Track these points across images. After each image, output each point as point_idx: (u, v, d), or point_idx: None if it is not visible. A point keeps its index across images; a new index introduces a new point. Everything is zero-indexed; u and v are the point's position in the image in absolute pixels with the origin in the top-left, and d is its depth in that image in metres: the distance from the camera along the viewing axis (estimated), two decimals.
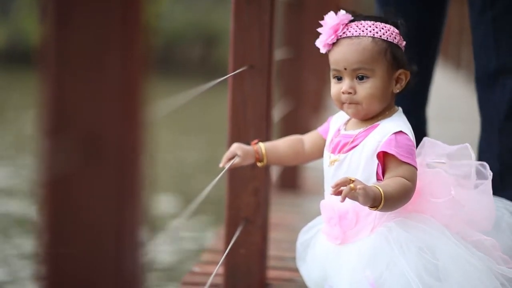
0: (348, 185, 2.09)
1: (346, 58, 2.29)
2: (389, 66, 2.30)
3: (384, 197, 2.13)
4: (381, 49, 2.29)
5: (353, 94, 2.28)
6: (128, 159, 1.12)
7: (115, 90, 1.10)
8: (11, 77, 17.34)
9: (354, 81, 2.29)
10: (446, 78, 13.39)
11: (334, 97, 2.34)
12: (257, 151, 2.47)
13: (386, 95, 2.30)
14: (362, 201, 2.11)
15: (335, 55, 2.32)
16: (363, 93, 2.28)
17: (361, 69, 2.28)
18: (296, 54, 4.69)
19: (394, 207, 2.21)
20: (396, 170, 2.21)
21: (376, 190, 2.13)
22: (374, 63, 2.28)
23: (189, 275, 3.02)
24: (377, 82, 2.28)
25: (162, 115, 1.47)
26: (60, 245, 1.12)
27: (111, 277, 1.12)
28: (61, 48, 1.10)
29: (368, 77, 2.28)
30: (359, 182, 2.11)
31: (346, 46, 2.30)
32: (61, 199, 1.11)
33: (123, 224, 1.12)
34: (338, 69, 2.31)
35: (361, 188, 2.09)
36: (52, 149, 1.10)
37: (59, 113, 1.10)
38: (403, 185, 2.18)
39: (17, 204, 7.28)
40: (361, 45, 2.29)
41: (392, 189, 2.16)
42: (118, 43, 1.10)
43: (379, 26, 2.31)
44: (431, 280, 2.19)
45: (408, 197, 2.21)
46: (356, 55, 2.28)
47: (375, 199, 2.12)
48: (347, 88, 2.29)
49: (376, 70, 2.28)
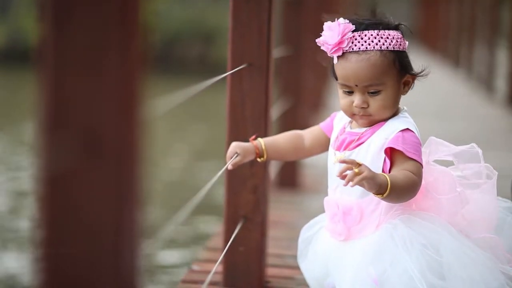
0: (352, 170, 2.10)
1: (356, 76, 2.27)
2: (398, 74, 2.31)
3: (390, 185, 2.13)
4: (389, 61, 2.28)
5: (366, 108, 2.29)
6: (127, 157, 1.12)
7: (114, 88, 1.11)
8: (10, 75, 17.33)
9: (366, 95, 2.29)
10: (445, 76, 13.39)
11: (345, 108, 2.33)
12: (257, 146, 2.46)
13: (397, 101, 2.32)
14: (368, 187, 2.12)
15: (344, 72, 2.30)
16: (376, 106, 2.28)
17: (373, 86, 2.27)
18: (295, 52, 4.69)
19: (400, 198, 2.21)
20: (403, 165, 2.22)
21: (383, 178, 2.14)
22: (385, 77, 2.28)
23: (188, 273, 3.03)
24: (389, 93, 2.29)
25: (160, 113, 1.47)
26: (59, 242, 1.12)
27: (110, 274, 1.12)
28: (60, 46, 1.10)
29: (380, 90, 2.28)
30: (365, 168, 2.11)
31: (355, 63, 2.27)
32: (60, 196, 1.11)
33: (122, 221, 1.13)
34: (348, 85, 2.30)
35: (368, 176, 2.09)
36: (51, 146, 1.10)
37: (58, 111, 1.11)
38: (410, 178, 2.19)
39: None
40: (371, 61, 2.27)
41: (400, 180, 2.17)
42: (116, 41, 1.10)
43: (384, 35, 2.29)
44: (434, 278, 2.19)
45: (414, 191, 2.22)
46: (366, 73, 2.27)
47: (381, 186, 2.12)
48: (360, 103, 2.28)
49: (387, 82, 2.28)
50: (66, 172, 1.10)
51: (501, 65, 11.06)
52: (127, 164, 1.12)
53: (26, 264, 5.40)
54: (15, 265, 5.51)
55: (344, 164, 2.14)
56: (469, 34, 13.64)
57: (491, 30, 11.60)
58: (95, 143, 1.10)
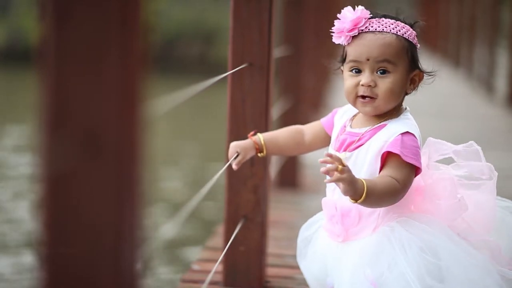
0: (335, 165, 2.08)
1: (370, 50, 2.27)
2: (408, 65, 2.31)
3: (366, 193, 2.12)
4: (403, 46, 2.29)
5: (373, 87, 2.27)
6: (127, 156, 1.12)
7: (114, 87, 1.11)
8: (10, 75, 17.33)
9: (374, 75, 2.28)
10: (446, 76, 13.39)
11: (349, 89, 2.30)
12: (256, 142, 2.46)
13: (401, 94, 2.30)
14: (343, 188, 2.09)
15: (357, 47, 2.29)
16: (384, 87, 2.26)
17: (385, 62, 2.27)
18: (296, 51, 4.69)
19: (377, 204, 2.20)
20: (391, 170, 2.20)
21: (361, 183, 2.12)
22: (397, 59, 2.28)
23: (188, 272, 3.03)
24: (397, 78, 2.27)
25: (161, 113, 1.47)
26: (59, 242, 1.12)
27: (110, 274, 1.12)
28: (61, 46, 1.10)
29: (390, 72, 2.27)
30: (347, 170, 2.09)
31: (370, 40, 2.28)
32: (60, 195, 1.11)
33: (122, 221, 1.12)
34: (359, 60, 2.29)
35: (346, 178, 2.07)
36: (52, 146, 1.10)
37: (58, 110, 1.11)
38: (390, 186, 2.17)
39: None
40: (386, 39, 2.28)
41: (378, 188, 2.14)
42: (117, 41, 1.10)
43: (400, 25, 2.32)
44: (432, 281, 2.19)
45: (395, 198, 2.20)
46: (382, 48, 2.27)
47: (356, 192, 2.10)
48: (368, 80, 2.27)
49: (398, 66, 2.28)
50: (67, 171, 1.10)
51: (501, 65, 11.07)
52: (127, 164, 1.12)
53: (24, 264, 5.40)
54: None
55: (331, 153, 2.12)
56: (469, 34, 13.65)
57: (491, 30, 11.60)
58: (95, 142, 1.10)
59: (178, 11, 19.85)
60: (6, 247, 5.95)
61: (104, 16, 1.10)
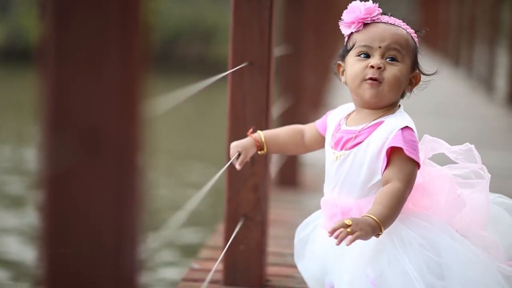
0: (345, 230, 2.10)
1: (383, 37, 2.30)
2: (412, 63, 2.34)
3: (381, 222, 2.14)
4: (412, 44, 2.34)
5: (381, 70, 2.28)
6: (127, 155, 1.12)
7: (114, 86, 1.10)
8: (10, 74, 17.33)
9: (383, 61, 2.30)
10: (445, 75, 13.39)
11: (357, 72, 2.30)
12: (256, 139, 2.46)
13: (402, 87, 2.32)
14: (364, 239, 2.13)
15: (369, 34, 2.32)
16: (391, 72, 2.28)
17: (396, 51, 2.30)
18: (296, 50, 4.69)
19: (396, 216, 2.21)
20: (394, 169, 2.20)
21: (372, 221, 2.13)
22: (406, 52, 2.32)
23: (188, 271, 3.03)
24: (404, 69, 2.30)
25: (161, 112, 1.47)
26: (59, 242, 1.12)
27: (110, 273, 1.12)
28: (61, 44, 1.10)
29: (398, 61, 2.30)
30: (355, 225, 2.11)
31: (384, 28, 2.32)
32: (60, 194, 1.11)
33: (122, 221, 1.12)
34: (370, 45, 2.31)
35: (360, 234, 2.10)
36: (52, 144, 1.10)
37: (58, 110, 1.10)
38: (394, 195, 2.18)
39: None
40: (399, 31, 2.33)
41: (386, 208, 2.16)
42: (117, 39, 1.10)
43: (407, 26, 2.37)
44: (433, 278, 2.19)
45: (404, 201, 2.21)
46: (395, 37, 2.31)
47: (374, 230, 2.13)
48: (378, 62, 2.28)
49: (405, 59, 2.31)
50: (67, 171, 1.10)
51: (501, 64, 11.07)
52: (127, 164, 1.12)
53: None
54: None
55: (335, 224, 2.14)
56: (469, 33, 13.65)
57: (491, 29, 11.60)
58: (95, 142, 1.10)
59: (178, 10, 19.85)
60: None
61: (104, 16, 1.09)
